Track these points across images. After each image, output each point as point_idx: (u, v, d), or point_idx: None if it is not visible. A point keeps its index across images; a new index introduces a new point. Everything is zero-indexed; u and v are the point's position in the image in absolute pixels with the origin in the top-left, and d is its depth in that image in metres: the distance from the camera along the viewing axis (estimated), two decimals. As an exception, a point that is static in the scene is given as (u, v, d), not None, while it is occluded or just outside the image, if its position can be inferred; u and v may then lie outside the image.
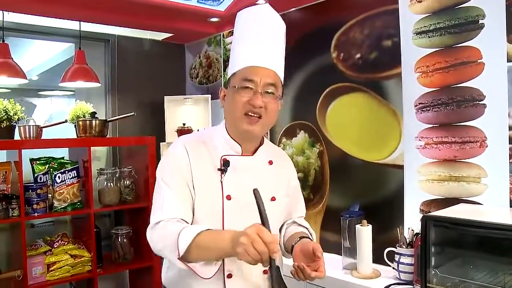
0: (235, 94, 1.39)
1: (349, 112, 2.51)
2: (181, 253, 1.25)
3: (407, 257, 2.03)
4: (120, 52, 3.49)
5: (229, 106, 1.44)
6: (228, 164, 1.44)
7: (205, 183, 1.42)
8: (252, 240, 1.13)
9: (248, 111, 1.38)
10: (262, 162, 1.52)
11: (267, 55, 1.43)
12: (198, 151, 1.45)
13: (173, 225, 1.33)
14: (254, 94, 1.37)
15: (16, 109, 2.70)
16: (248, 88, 1.38)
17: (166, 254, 1.34)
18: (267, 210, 1.38)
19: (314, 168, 2.71)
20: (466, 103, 1.98)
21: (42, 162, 2.86)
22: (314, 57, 2.68)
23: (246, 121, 1.39)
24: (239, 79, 1.39)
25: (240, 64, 1.42)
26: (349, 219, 2.24)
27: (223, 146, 1.47)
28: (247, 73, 1.39)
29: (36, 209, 2.66)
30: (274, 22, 1.48)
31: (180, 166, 1.42)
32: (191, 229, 1.28)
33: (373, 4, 2.35)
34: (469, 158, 1.97)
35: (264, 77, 1.38)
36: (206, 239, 1.25)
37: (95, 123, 2.94)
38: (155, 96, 3.49)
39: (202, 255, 1.27)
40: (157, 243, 1.36)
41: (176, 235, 1.27)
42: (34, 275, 2.61)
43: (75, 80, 3.02)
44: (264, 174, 1.50)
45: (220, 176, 1.43)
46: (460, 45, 1.99)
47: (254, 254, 1.12)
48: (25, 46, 4.38)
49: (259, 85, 1.38)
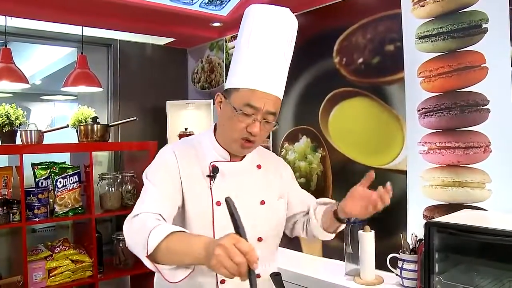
0: (234, 117, 1.36)
1: (351, 117, 2.49)
2: (149, 251, 1.14)
3: (410, 263, 2.01)
4: (122, 56, 3.50)
5: (224, 123, 1.42)
6: (217, 170, 1.43)
7: (194, 189, 1.42)
8: (227, 251, 1.02)
9: (244, 136, 1.38)
10: (251, 166, 1.52)
11: (276, 79, 1.39)
12: (187, 157, 1.44)
13: (148, 221, 1.24)
14: (254, 121, 1.35)
15: (18, 113, 2.71)
16: (248, 115, 1.35)
17: (135, 250, 1.23)
18: (257, 214, 1.37)
19: (317, 173, 2.70)
20: (469, 108, 1.96)
21: (43, 167, 2.86)
22: (316, 62, 2.67)
23: (240, 143, 1.40)
24: (242, 102, 1.35)
25: (246, 81, 1.37)
26: (351, 225, 2.22)
27: (212, 153, 1.47)
28: (251, 98, 1.34)
29: (37, 214, 2.66)
30: (291, 33, 1.42)
31: (167, 170, 1.41)
32: (165, 227, 1.18)
33: (375, 8, 2.34)
34: (473, 164, 1.95)
35: (267, 105, 1.36)
36: (178, 241, 1.15)
37: (97, 128, 2.94)
38: (157, 100, 3.49)
39: (171, 258, 1.16)
40: (130, 237, 1.28)
41: (149, 231, 1.17)
42: (34, 281, 2.61)
43: (77, 85, 3.03)
44: (253, 179, 1.51)
45: (209, 183, 1.42)
46: (464, 50, 1.97)
47: (231, 267, 1.01)
48: (28, 51, 4.40)
49: (260, 113, 1.35)
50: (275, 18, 1.39)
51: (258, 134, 1.37)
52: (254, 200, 1.49)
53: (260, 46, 1.37)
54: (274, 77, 1.38)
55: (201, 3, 2.64)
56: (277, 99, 1.39)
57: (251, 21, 1.40)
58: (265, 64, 1.37)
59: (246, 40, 1.39)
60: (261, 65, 1.36)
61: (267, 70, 1.37)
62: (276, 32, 1.38)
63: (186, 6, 2.66)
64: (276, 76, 1.39)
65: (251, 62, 1.37)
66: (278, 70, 1.40)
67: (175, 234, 1.16)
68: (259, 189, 1.51)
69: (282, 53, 1.41)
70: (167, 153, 1.46)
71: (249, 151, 1.48)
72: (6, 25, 2.82)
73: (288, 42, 1.42)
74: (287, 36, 1.41)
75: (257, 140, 1.41)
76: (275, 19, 1.38)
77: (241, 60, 1.40)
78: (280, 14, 1.39)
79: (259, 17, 1.39)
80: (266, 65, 1.37)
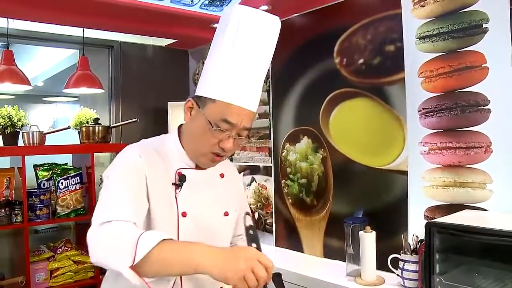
0: (208, 131, 1.27)
1: (352, 118, 2.49)
2: (137, 260, 1.04)
3: (411, 264, 2.01)
4: (123, 58, 3.51)
5: (195, 134, 1.32)
6: (184, 179, 1.34)
7: (159, 197, 1.30)
8: (251, 266, 1.03)
9: (216, 151, 1.30)
10: (214, 175, 1.45)
11: (255, 94, 1.31)
12: (153, 162, 1.32)
13: (130, 227, 1.13)
14: (228, 137, 1.28)
15: (20, 115, 2.73)
16: (223, 131, 1.27)
17: (113, 261, 1.09)
18: (221, 225, 1.31)
19: (318, 174, 2.70)
20: (470, 108, 1.96)
21: (45, 168, 2.88)
22: (317, 63, 2.67)
23: (210, 158, 1.33)
24: (218, 116, 1.25)
25: (225, 94, 1.26)
26: (352, 225, 2.22)
27: (177, 159, 1.36)
28: (229, 114, 1.25)
29: (39, 215, 2.68)
30: (274, 44, 1.33)
31: (134, 171, 1.28)
32: (156, 233, 1.11)
33: (376, 9, 2.34)
34: (474, 164, 1.95)
35: (244, 121, 1.28)
36: (172, 249, 1.09)
37: (98, 129, 2.96)
38: (159, 102, 3.50)
39: (162, 268, 1.08)
40: (104, 247, 1.12)
41: (136, 237, 1.06)
42: (37, 281, 2.63)
43: (78, 87, 3.05)
44: (217, 188, 1.44)
45: (175, 192, 1.33)
46: (464, 50, 1.97)
47: (253, 281, 1.03)
48: (30, 53, 4.42)
49: (236, 129, 1.28)
50: (264, 27, 1.28)
51: (230, 150, 1.31)
52: (218, 211, 1.43)
53: (244, 56, 1.27)
54: (253, 91, 1.30)
55: (201, 4, 2.65)
56: (253, 114, 1.32)
57: (236, 24, 1.27)
58: (246, 77, 1.27)
59: (228, 45, 1.27)
60: (242, 78, 1.26)
61: (248, 84, 1.28)
62: (263, 43, 1.29)
63: (187, 7, 2.67)
64: (255, 91, 1.31)
65: (232, 73, 1.26)
66: (257, 84, 1.32)
67: (168, 241, 1.09)
68: (223, 200, 1.44)
69: (264, 67, 1.32)
70: (131, 154, 1.32)
71: (215, 165, 1.40)
72: (8, 27, 2.83)
73: (271, 54, 1.34)
74: (271, 48, 1.33)
75: (227, 155, 1.35)
76: (263, 28, 1.28)
77: (220, 67, 1.28)
78: (268, 22, 1.30)
79: (247, 23, 1.27)
80: (247, 79, 1.27)
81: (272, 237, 3.02)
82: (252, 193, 3.17)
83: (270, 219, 3.04)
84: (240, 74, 1.27)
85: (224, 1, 2.63)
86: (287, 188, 2.90)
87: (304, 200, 2.79)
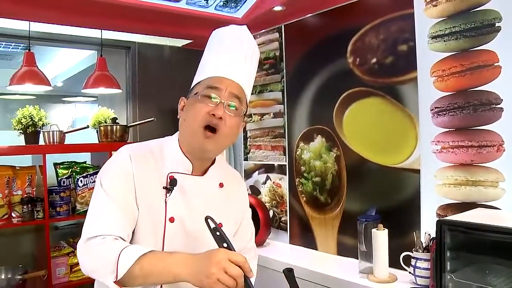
0: (196, 102, 1.30)
1: (365, 117, 2.51)
2: (119, 276, 1.10)
3: (423, 261, 2.02)
4: (140, 58, 3.57)
5: (187, 115, 1.33)
6: (175, 183, 1.31)
7: (148, 200, 1.29)
8: (223, 267, 1.06)
9: (207, 123, 1.28)
10: (212, 183, 1.41)
11: (236, 68, 1.36)
12: (145, 163, 1.31)
13: (112, 243, 1.17)
14: (217, 105, 1.28)
15: (41, 115, 2.80)
16: (211, 99, 1.29)
17: (99, 275, 1.16)
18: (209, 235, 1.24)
19: (331, 173, 2.72)
20: (482, 107, 1.96)
21: (65, 166, 2.96)
22: (330, 62, 2.69)
23: (202, 134, 1.29)
24: (203, 87, 1.32)
25: (206, 73, 1.35)
26: (365, 223, 2.24)
27: (172, 162, 1.35)
28: (212, 81, 1.32)
29: (59, 212, 2.75)
30: (248, 43, 1.42)
31: (124, 177, 1.28)
32: (134, 249, 1.15)
33: (388, 9, 2.36)
34: (486, 162, 1.96)
35: (229, 87, 1.31)
36: (151, 262, 1.12)
37: (116, 129, 3.02)
38: (175, 101, 3.48)
39: (144, 280, 1.13)
40: (91, 262, 1.18)
41: (116, 254, 1.12)
42: (58, 275, 2.71)
43: (97, 87, 3.10)
44: (213, 198, 1.39)
45: (165, 195, 1.30)
46: (476, 49, 1.98)
47: (229, 281, 1.05)
48: (49, 54, 4.51)
49: (223, 95, 1.30)
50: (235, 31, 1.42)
51: (223, 118, 1.28)
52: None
53: (220, 47, 1.39)
54: (235, 66, 1.36)
55: (216, 5, 2.69)
56: (240, 87, 1.35)
57: (213, 36, 1.45)
58: (225, 56, 1.37)
59: (208, 49, 1.43)
60: (221, 58, 1.36)
61: (228, 60, 1.36)
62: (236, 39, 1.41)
63: (202, 9, 2.71)
64: (237, 67, 1.36)
65: (211, 59, 1.39)
66: (240, 63, 1.37)
67: (147, 256, 1.13)
68: (217, 210, 1.34)
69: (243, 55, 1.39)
70: (122, 156, 1.32)
71: (212, 147, 1.32)
72: (30, 30, 2.91)
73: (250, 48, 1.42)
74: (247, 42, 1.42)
75: (221, 127, 1.29)
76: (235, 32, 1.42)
77: (202, 64, 1.42)
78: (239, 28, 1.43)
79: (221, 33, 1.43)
80: (227, 57, 1.36)
81: (286, 235, 3.05)
82: (267, 191, 3.21)
83: (284, 217, 3.07)
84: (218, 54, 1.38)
85: (238, 3, 2.67)
86: (301, 186, 2.93)
87: (318, 198, 2.82)
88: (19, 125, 2.76)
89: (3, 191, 2.67)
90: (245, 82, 1.38)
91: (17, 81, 2.75)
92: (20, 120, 2.75)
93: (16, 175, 2.74)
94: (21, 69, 2.79)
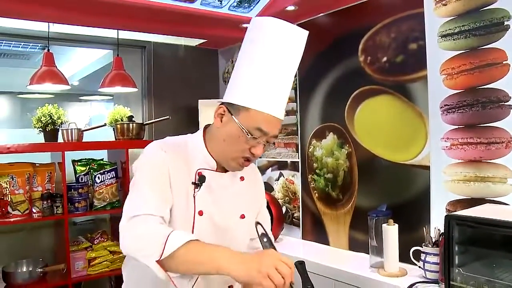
0: (241, 137, 1.33)
1: (376, 114, 2.55)
2: (165, 255, 1.13)
3: (433, 256, 2.06)
4: (156, 58, 3.64)
5: (227, 140, 1.37)
6: (203, 179, 1.39)
7: (180, 194, 1.36)
8: (274, 264, 1.11)
9: (245, 156, 1.37)
10: (234, 178, 1.49)
11: (285, 103, 1.38)
12: (177, 159, 1.38)
13: (157, 224, 1.23)
14: (258, 144, 1.35)
15: (60, 113, 2.87)
16: (255, 138, 1.34)
17: (142, 254, 1.19)
18: (236, 228, 1.35)
19: (343, 169, 2.76)
20: (491, 104, 1.99)
21: (83, 163, 3.03)
22: (342, 61, 2.74)
23: (240, 162, 1.38)
24: (252, 125, 1.32)
25: (258, 103, 1.32)
26: (376, 219, 2.29)
27: (199, 159, 1.41)
28: (263, 123, 1.32)
29: (78, 207, 2.83)
30: (300, 53, 1.40)
31: (160, 167, 1.34)
32: (184, 233, 1.19)
33: (398, 8, 2.39)
34: (495, 159, 1.99)
35: (275, 130, 1.36)
36: (197, 250, 1.17)
37: (132, 126, 3.08)
38: (190, 100, 3.61)
39: (185, 266, 1.16)
40: (135, 240, 1.22)
41: (165, 234, 1.16)
42: (76, 269, 2.79)
43: (113, 86, 3.16)
44: (236, 191, 1.47)
45: (194, 190, 1.38)
46: (485, 47, 2.01)
47: (277, 278, 1.10)
48: (66, 54, 4.60)
49: (267, 137, 1.35)
50: (294, 40, 1.36)
51: (259, 155, 1.37)
52: (235, 213, 1.47)
53: (276, 69, 1.34)
54: (282, 101, 1.37)
55: (230, 6, 2.75)
56: (281, 123, 1.39)
57: (267, 37, 1.34)
58: (277, 88, 1.34)
59: (260, 57, 1.34)
60: (274, 89, 1.34)
61: (281, 94, 1.36)
62: (292, 56, 1.37)
63: (216, 9, 2.77)
64: (284, 100, 1.38)
65: (266, 84, 1.33)
66: (286, 94, 1.39)
67: (193, 243, 1.16)
68: (240, 202, 1.47)
69: (291, 78, 1.40)
70: (157, 149, 1.38)
71: (242, 169, 1.45)
72: (49, 30, 2.99)
73: (297, 65, 1.41)
74: (298, 60, 1.40)
75: (255, 159, 1.42)
76: (293, 41, 1.36)
77: (253, 77, 1.34)
78: (298, 36, 1.37)
79: (279, 36, 1.34)
80: (280, 89, 1.35)
81: (299, 230, 3.10)
82: (280, 187, 3.26)
83: (297, 213, 3.12)
84: (273, 85, 1.33)
85: (251, 3, 2.72)
86: (314, 183, 2.98)
87: (330, 194, 2.86)
88: (38, 123, 2.83)
89: (24, 187, 2.76)
90: (284, 112, 1.40)
91: (37, 80, 2.83)
92: (40, 118, 2.82)
93: (36, 172, 2.82)
94: (41, 69, 2.87)
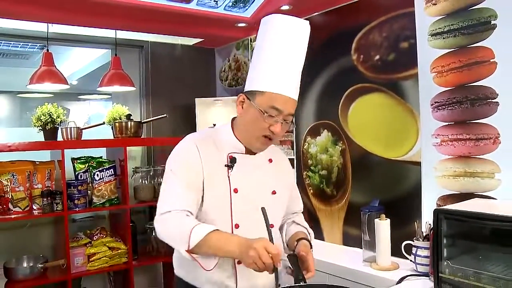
0: (259, 117, 1.50)
1: (369, 112, 2.60)
2: (191, 247, 1.40)
3: (423, 249, 2.11)
4: (153, 57, 3.68)
5: (248, 122, 1.55)
6: (235, 161, 1.58)
7: (214, 178, 1.55)
8: (259, 254, 1.32)
9: (266, 135, 1.53)
10: (263, 160, 1.67)
11: (296, 85, 1.55)
12: (208, 149, 1.57)
13: (184, 219, 1.46)
14: (276, 122, 1.50)
15: (59, 112, 2.91)
16: (272, 116, 1.49)
17: (173, 243, 1.47)
18: (268, 202, 1.52)
19: (337, 166, 2.82)
20: (479, 101, 2.04)
21: (82, 161, 3.06)
22: (336, 60, 2.79)
23: (262, 141, 1.55)
24: (267, 104, 1.49)
25: (270, 85, 1.50)
26: (368, 214, 2.34)
27: (229, 145, 1.60)
28: (276, 102, 1.49)
29: (77, 204, 2.87)
30: (306, 43, 1.58)
31: (191, 161, 1.54)
32: (204, 227, 1.42)
33: (390, 7, 2.45)
34: (483, 154, 2.04)
35: (289, 108, 1.51)
36: (216, 239, 1.41)
37: (131, 125, 3.12)
38: (187, 98, 3.64)
39: (208, 252, 1.42)
40: (167, 233, 1.49)
41: (189, 229, 1.41)
42: (76, 265, 2.83)
43: (111, 85, 3.19)
44: (265, 170, 1.65)
45: (227, 172, 1.57)
46: (474, 46, 2.06)
47: (261, 265, 1.33)
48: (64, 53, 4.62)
49: (283, 114, 1.50)
50: (300, 31, 1.55)
51: (279, 133, 1.52)
52: (266, 190, 1.64)
53: (284, 55, 1.52)
54: (294, 83, 1.54)
55: (225, 6, 2.79)
56: (295, 102, 1.55)
57: (273, 31, 1.54)
58: (288, 71, 1.52)
59: (269, 48, 1.53)
60: (285, 72, 1.52)
61: (290, 77, 1.53)
62: (299, 43, 1.55)
63: (212, 9, 2.81)
64: (296, 82, 1.55)
65: (275, 69, 1.51)
66: (297, 77, 1.56)
67: (213, 233, 1.41)
68: (271, 180, 1.66)
69: (301, 62, 1.58)
70: (189, 145, 1.59)
71: (265, 149, 1.62)
72: (48, 31, 3.03)
73: (305, 51, 1.59)
74: (304, 47, 1.58)
75: (276, 138, 1.56)
76: (299, 32, 1.55)
77: (265, 66, 1.53)
78: (301, 26, 1.56)
79: (282, 29, 1.53)
80: (289, 72, 1.53)
81: (294, 227, 3.14)
82: (275, 184, 3.30)
83: (292, 210, 3.17)
84: (283, 69, 1.52)
85: (247, 3, 2.76)
86: (309, 179, 3.03)
87: (324, 190, 2.91)
88: (38, 122, 2.86)
89: (24, 185, 2.79)
90: (298, 92, 1.57)
91: (36, 80, 2.86)
92: (40, 117, 2.85)
93: (36, 170, 2.86)
94: (40, 69, 2.90)
